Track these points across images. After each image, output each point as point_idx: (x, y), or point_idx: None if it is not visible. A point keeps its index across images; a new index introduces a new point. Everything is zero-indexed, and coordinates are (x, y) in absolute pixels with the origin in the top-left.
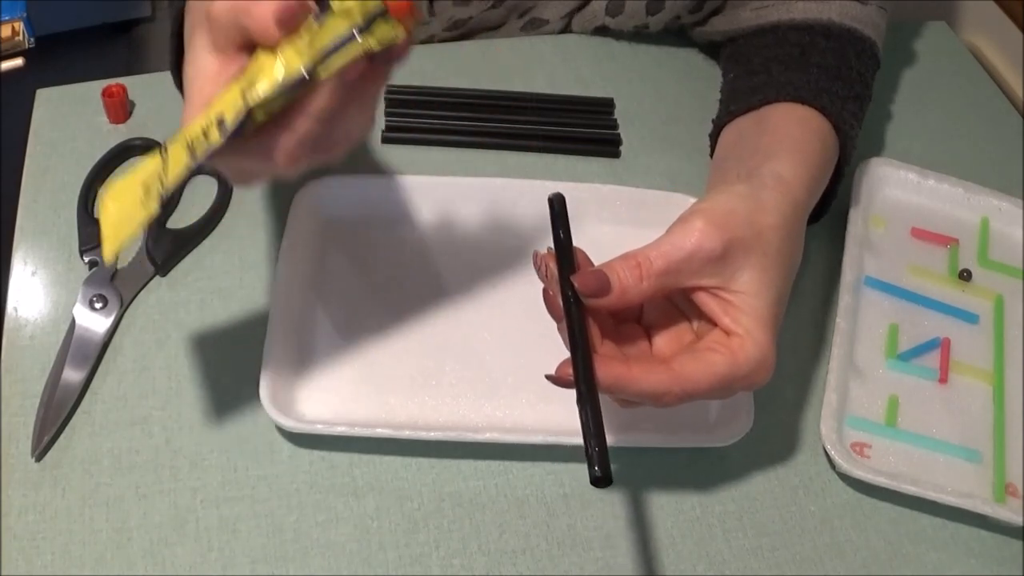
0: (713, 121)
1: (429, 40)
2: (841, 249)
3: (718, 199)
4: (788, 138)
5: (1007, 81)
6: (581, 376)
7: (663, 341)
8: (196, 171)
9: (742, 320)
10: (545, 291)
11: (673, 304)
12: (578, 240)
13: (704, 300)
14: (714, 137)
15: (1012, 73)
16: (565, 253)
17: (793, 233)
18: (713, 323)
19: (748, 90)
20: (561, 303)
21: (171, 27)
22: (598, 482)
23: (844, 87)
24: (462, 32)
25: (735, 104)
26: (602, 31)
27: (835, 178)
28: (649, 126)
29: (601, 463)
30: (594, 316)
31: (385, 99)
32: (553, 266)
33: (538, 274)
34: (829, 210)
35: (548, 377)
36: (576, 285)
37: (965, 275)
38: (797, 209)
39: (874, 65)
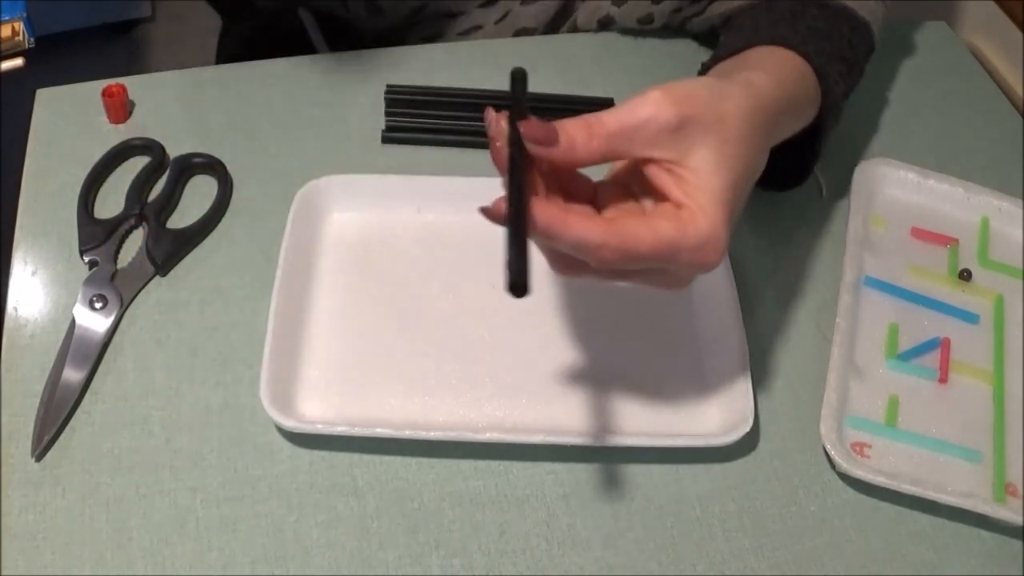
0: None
1: (423, 6)
2: (841, 249)
3: (682, 81)
4: (764, 65)
5: (1007, 81)
6: (514, 201)
7: (612, 213)
8: None
9: (694, 194)
10: (493, 143)
11: (628, 191)
12: None
13: (656, 173)
14: None
15: (1012, 73)
16: (519, 110)
17: (755, 130)
18: (664, 200)
19: (736, 40)
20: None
21: None
22: (514, 288)
23: (831, 48)
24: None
25: (722, 50)
26: (605, 26)
27: (819, 134)
28: None
29: (519, 269)
30: (547, 185)
31: (385, 99)
32: (504, 124)
33: (488, 130)
34: (812, 174)
35: (482, 209)
36: (522, 131)
37: (965, 275)
38: (761, 111)
39: (868, 43)
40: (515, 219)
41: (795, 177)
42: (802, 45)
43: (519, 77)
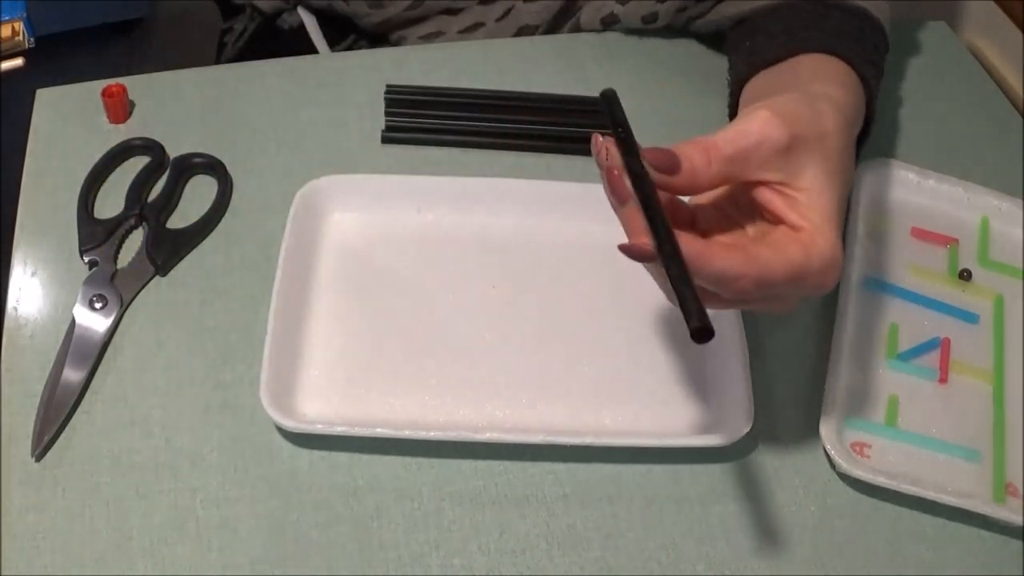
0: (732, 82)
1: None
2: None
3: (777, 100)
4: (826, 75)
5: (1007, 81)
6: (666, 241)
7: (725, 240)
8: None
9: (810, 216)
10: (610, 171)
11: (727, 215)
12: (578, 238)
13: (768, 197)
14: (735, 95)
15: (1012, 73)
16: (627, 136)
17: (847, 145)
18: (775, 223)
19: (771, 46)
20: (627, 182)
21: None
22: (700, 334)
23: (864, 51)
24: None
25: (759, 58)
26: (609, 25)
27: (863, 137)
28: (650, 126)
29: (699, 314)
30: None
31: (385, 99)
32: (614, 150)
33: (597, 158)
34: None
35: (622, 247)
36: (645, 158)
37: (965, 275)
38: (848, 127)
39: (884, 44)
40: (675, 260)
41: None
42: (844, 52)
43: (611, 98)
